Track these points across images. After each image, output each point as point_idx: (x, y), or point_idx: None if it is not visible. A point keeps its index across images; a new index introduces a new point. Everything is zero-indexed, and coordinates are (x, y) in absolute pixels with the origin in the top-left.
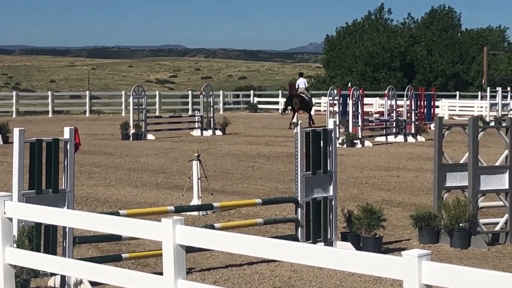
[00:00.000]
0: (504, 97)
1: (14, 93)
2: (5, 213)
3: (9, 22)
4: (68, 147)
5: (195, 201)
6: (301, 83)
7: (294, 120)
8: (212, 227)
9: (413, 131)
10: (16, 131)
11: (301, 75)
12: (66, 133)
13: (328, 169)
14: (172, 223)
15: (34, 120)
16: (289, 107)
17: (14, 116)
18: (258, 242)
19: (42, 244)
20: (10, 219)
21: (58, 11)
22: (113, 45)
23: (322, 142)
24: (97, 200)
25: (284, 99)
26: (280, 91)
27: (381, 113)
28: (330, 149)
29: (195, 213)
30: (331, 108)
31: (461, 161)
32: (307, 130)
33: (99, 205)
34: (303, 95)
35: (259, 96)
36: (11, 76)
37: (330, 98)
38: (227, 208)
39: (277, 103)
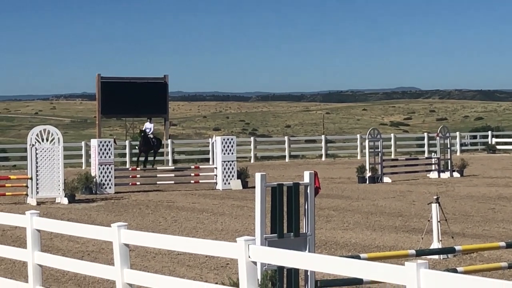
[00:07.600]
0: None
1: (252, 138)
2: (249, 256)
3: (246, 70)
4: (308, 191)
5: (435, 245)
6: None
7: None
8: (455, 271)
9: None
10: (258, 176)
11: (149, 119)
12: (306, 177)
13: None
14: (416, 267)
15: (271, 164)
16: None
17: (252, 161)
18: (504, 286)
19: None
20: (255, 263)
21: (293, 59)
22: (347, 89)
23: None
24: (336, 243)
25: None
26: None
27: None
28: None
29: (435, 256)
30: None
31: None
32: None
33: (338, 249)
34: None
35: (497, 136)
36: (248, 122)
37: None
38: (469, 252)
39: None
